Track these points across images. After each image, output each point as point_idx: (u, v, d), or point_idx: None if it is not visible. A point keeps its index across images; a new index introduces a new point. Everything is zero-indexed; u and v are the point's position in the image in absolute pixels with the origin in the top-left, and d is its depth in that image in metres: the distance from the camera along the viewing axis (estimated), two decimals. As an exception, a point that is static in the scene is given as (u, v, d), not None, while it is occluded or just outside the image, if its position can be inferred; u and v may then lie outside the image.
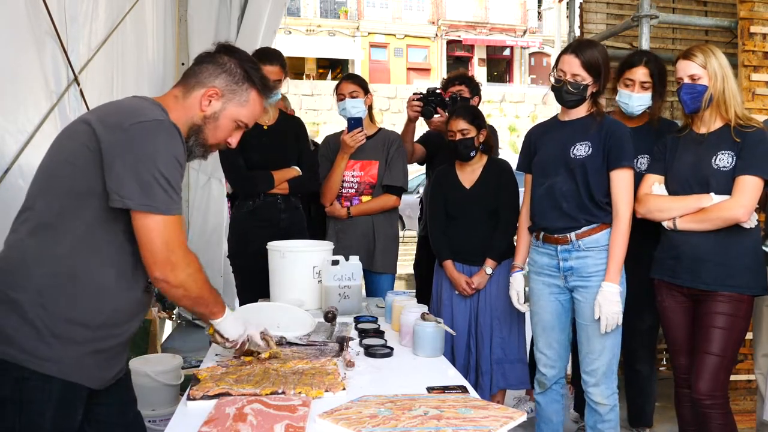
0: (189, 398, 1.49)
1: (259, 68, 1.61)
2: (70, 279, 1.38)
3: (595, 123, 2.28)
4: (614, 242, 2.21)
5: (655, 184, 2.30)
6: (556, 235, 2.29)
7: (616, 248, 2.20)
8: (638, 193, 2.29)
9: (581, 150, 2.26)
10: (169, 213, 1.39)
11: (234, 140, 1.62)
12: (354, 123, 2.91)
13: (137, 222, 1.38)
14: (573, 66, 2.23)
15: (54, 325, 1.37)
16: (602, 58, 2.25)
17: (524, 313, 2.63)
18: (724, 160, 2.16)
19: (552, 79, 2.31)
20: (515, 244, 2.59)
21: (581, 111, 2.32)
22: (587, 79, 2.23)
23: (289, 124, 3.03)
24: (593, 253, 2.25)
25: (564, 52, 2.30)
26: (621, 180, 2.23)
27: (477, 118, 2.74)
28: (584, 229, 2.25)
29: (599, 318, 2.19)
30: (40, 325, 1.36)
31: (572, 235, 2.26)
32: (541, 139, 2.41)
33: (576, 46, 2.27)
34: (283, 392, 1.52)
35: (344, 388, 1.56)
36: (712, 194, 2.15)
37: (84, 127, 1.40)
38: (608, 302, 2.17)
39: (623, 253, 2.21)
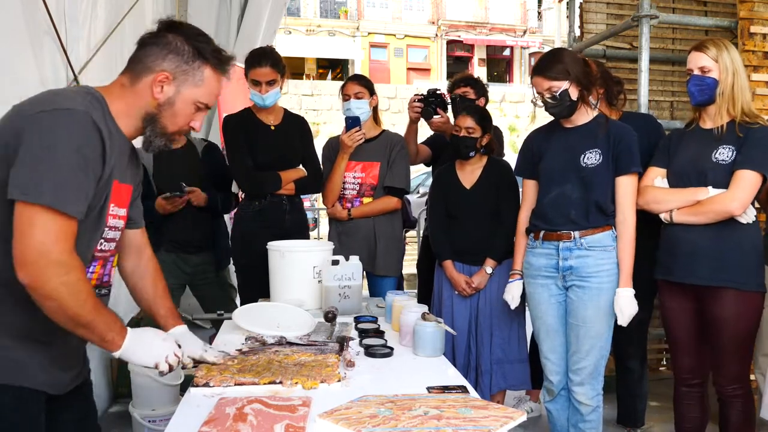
0: (193, 385, 1.54)
1: (210, 41, 1.45)
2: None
3: (601, 128, 2.28)
4: (622, 248, 2.23)
5: (657, 178, 2.31)
6: (558, 232, 2.29)
7: (625, 253, 2.23)
8: (640, 184, 2.31)
9: (592, 158, 2.26)
10: (58, 208, 1.21)
11: (197, 123, 1.47)
12: (352, 122, 2.90)
13: (17, 213, 1.21)
14: (543, 84, 2.25)
15: None
16: (567, 59, 2.26)
17: (524, 314, 2.63)
18: (723, 153, 2.16)
19: (537, 103, 2.30)
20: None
21: (584, 116, 2.32)
22: (562, 85, 2.23)
23: (295, 124, 3.02)
24: (594, 253, 2.25)
25: (532, 77, 2.31)
26: (627, 185, 2.24)
27: (485, 121, 2.76)
28: (587, 229, 2.26)
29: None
30: None
31: (576, 233, 2.27)
32: (545, 146, 2.39)
33: (537, 68, 2.29)
34: (281, 382, 1.55)
35: (339, 380, 1.59)
36: (710, 187, 2.16)
37: (4, 118, 1.32)
38: (628, 305, 2.21)
39: (632, 258, 2.23)
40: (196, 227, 3.02)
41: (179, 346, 1.44)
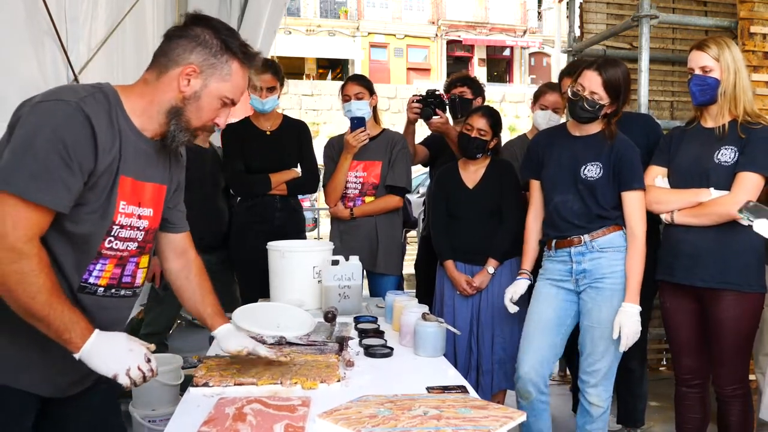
0: (193, 385, 1.54)
1: (238, 36, 1.43)
2: None
3: (606, 142, 2.27)
4: (631, 262, 2.21)
5: (658, 177, 2.30)
6: (569, 238, 2.30)
7: (634, 268, 2.20)
8: None
9: (592, 171, 2.26)
10: (26, 197, 1.19)
11: (222, 120, 1.45)
12: (357, 123, 2.90)
13: None
14: (593, 83, 2.20)
15: None
16: (624, 79, 2.22)
17: (525, 313, 2.62)
18: (726, 155, 2.15)
19: (569, 92, 2.27)
20: (522, 247, 2.54)
21: (594, 127, 2.31)
22: (605, 99, 2.21)
23: (293, 128, 3.09)
24: (607, 254, 2.25)
25: (587, 67, 2.25)
26: (633, 201, 2.23)
27: (497, 125, 2.77)
28: (597, 231, 2.26)
29: (618, 337, 2.19)
30: None
31: (585, 237, 2.27)
32: (550, 151, 2.39)
33: (600, 64, 2.23)
34: (280, 382, 1.56)
35: (339, 380, 1.59)
36: (712, 189, 2.15)
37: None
38: (630, 323, 2.17)
39: (641, 273, 2.21)
40: (207, 226, 3.05)
41: (149, 360, 1.32)
